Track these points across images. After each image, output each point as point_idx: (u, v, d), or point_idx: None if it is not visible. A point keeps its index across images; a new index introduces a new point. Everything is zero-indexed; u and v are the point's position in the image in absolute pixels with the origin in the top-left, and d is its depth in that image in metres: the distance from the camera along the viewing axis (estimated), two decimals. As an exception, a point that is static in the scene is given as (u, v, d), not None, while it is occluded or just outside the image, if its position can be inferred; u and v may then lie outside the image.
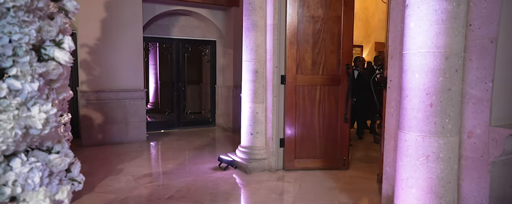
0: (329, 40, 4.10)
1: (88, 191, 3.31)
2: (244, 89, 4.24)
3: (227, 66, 6.83)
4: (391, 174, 2.44)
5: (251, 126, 4.15)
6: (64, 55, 1.20)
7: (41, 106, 1.08)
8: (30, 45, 1.10)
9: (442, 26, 2.02)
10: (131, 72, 5.46)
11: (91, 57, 5.15)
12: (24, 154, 1.13)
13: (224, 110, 6.92)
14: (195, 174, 3.92)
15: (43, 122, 1.05)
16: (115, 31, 5.28)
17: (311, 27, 4.06)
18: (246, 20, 4.15)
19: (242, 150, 4.23)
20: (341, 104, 4.11)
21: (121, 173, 3.89)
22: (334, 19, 4.06)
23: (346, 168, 4.14)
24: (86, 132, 5.17)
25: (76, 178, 1.32)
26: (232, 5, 6.34)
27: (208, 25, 6.84)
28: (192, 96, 8.11)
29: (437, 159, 1.87)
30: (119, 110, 5.39)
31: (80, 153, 4.77)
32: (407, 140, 2.05)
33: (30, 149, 1.15)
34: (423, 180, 1.89)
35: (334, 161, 4.16)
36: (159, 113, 7.98)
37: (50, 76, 1.19)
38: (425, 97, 2.02)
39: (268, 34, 4.08)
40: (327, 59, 4.12)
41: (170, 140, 5.85)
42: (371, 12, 9.53)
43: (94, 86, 5.18)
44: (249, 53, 4.13)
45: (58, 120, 1.20)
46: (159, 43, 7.29)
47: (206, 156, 4.78)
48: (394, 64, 2.61)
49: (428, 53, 2.04)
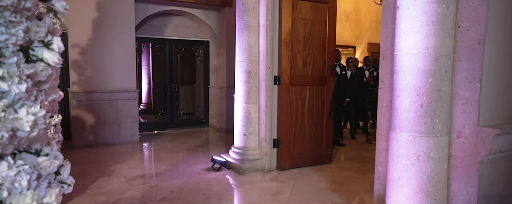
0: (317, 41, 4.28)
1: (80, 193, 3.27)
2: (237, 89, 4.23)
3: (220, 67, 6.82)
4: (383, 173, 2.46)
5: (244, 127, 4.15)
6: (53, 56, 1.18)
7: (29, 108, 1.06)
8: (18, 46, 1.09)
9: (432, 27, 2.04)
10: (123, 73, 5.41)
11: (82, 57, 5.10)
12: (11, 157, 1.11)
13: (218, 110, 6.91)
14: (188, 175, 3.90)
15: (31, 124, 1.04)
16: (107, 31, 5.24)
17: (303, 29, 4.13)
18: (239, 21, 4.14)
19: (235, 151, 4.23)
20: (327, 103, 4.36)
21: (113, 175, 3.86)
22: (320, 22, 4.26)
23: (330, 162, 4.44)
24: (77, 133, 5.12)
25: (66, 180, 1.31)
26: (225, 5, 6.34)
27: (201, 26, 6.82)
28: (185, 97, 8.08)
29: (428, 158, 1.89)
30: (111, 111, 5.34)
31: (72, 154, 4.72)
32: (398, 140, 2.07)
33: (17, 151, 1.13)
34: (414, 180, 1.91)
35: (321, 157, 4.42)
36: (152, 114, 7.94)
37: (38, 77, 1.17)
38: (416, 97, 2.04)
39: (261, 35, 4.08)
40: (315, 60, 4.27)
41: (163, 141, 5.82)
42: (363, 13, 9.61)
43: (85, 86, 5.13)
44: (242, 53, 4.13)
45: (47, 122, 1.18)
46: (152, 44, 7.26)
47: (199, 157, 4.76)
48: (385, 65, 2.63)
49: (419, 54, 2.06)
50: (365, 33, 9.78)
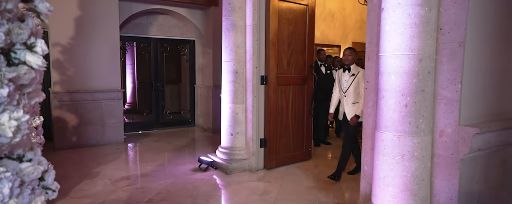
0: (299, 42, 4.41)
1: (62, 196, 3.19)
2: (224, 89, 4.22)
3: (206, 66, 6.78)
4: (369, 172, 2.51)
5: (231, 127, 4.15)
6: (37, 59, 1.15)
7: (12, 113, 1.03)
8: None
9: (416, 29, 2.09)
10: (107, 72, 5.31)
11: (64, 56, 4.97)
12: (-7, 163, 1.07)
13: (204, 110, 6.87)
14: (175, 176, 3.87)
15: (13, 130, 1.01)
16: (90, 29, 5.12)
17: (287, 29, 4.20)
18: (226, 20, 4.13)
19: (222, 151, 4.22)
20: (307, 101, 4.52)
21: (98, 177, 3.79)
22: (302, 23, 4.38)
23: (310, 158, 4.63)
24: (59, 134, 4.99)
25: (50, 186, 1.27)
26: (211, 4, 6.30)
27: (187, 25, 6.75)
28: (171, 96, 7.99)
29: (412, 157, 1.94)
30: (95, 111, 5.23)
31: (54, 156, 4.60)
32: (383, 139, 2.11)
33: (-2, 158, 1.10)
34: (398, 178, 1.96)
35: (302, 154, 4.58)
36: (137, 114, 7.81)
37: (21, 81, 1.13)
38: (401, 98, 2.09)
39: (248, 35, 4.08)
40: (297, 59, 4.39)
41: (148, 141, 5.75)
42: (348, 13, 9.75)
43: (67, 86, 5.00)
44: (229, 53, 4.12)
45: (29, 126, 1.15)
46: (136, 43, 7.13)
47: (185, 157, 4.73)
48: (371, 66, 2.68)
49: (403, 56, 2.11)
50: (350, 32, 9.93)
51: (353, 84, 3.72)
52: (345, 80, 3.82)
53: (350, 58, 3.76)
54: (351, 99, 3.74)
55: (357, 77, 3.70)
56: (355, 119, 3.69)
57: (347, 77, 3.79)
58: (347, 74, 3.80)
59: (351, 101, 3.73)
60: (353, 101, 3.72)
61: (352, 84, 3.73)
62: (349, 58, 3.76)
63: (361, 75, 3.64)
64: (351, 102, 3.73)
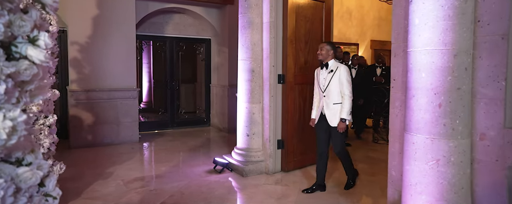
0: (316, 39, 4.23)
1: (75, 196, 3.15)
2: (240, 88, 4.10)
3: (222, 65, 6.68)
4: (397, 178, 2.33)
5: (247, 127, 4.02)
6: (39, 53, 1.05)
7: (8, 113, 0.93)
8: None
9: (449, 22, 1.90)
10: (123, 71, 5.28)
11: (81, 55, 4.97)
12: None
13: (219, 109, 6.78)
14: (189, 178, 3.77)
15: (8, 131, 0.91)
16: (107, 28, 5.10)
17: (304, 26, 4.07)
18: (242, 18, 4.00)
19: (238, 152, 4.09)
20: None
21: (111, 177, 3.73)
22: (319, 20, 4.23)
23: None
24: (75, 133, 4.99)
25: (51, 193, 1.17)
26: (226, 3, 6.19)
27: (202, 23, 6.68)
28: (187, 96, 7.95)
29: (448, 163, 1.76)
30: (111, 110, 5.21)
31: (68, 155, 4.59)
32: (414, 142, 1.93)
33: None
34: (433, 186, 1.78)
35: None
36: (152, 113, 7.81)
37: (21, 77, 1.03)
38: (433, 97, 1.90)
39: (265, 32, 3.94)
40: (315, 57, 4.23)
41: (163, 140, 5.70)
42: (366, 10, 9.48)
43: (84, 85, 5.00)
44: (245, 51, 3.99)
45: (33, 126, 1.05)
46: (152, 42, 7.12)
47: (200, 158, 4.63)
48: (397, 63, 2.49)
49: (435, 51, 1.93)
50: (368, 30, 9.65)
51: (333, 81, 3.20)
52: (323, 77, 3.29)
53: (323, 53, 3.27)
54: (331, 100, 3.21)
55: (336, 73, 3.19)
56: (342, 124, 3.17)
57: (325, 74, 3.27)
58: (325, 71, 3.28)
59: (332, 102, 3.21)
60: (334, 101, 3.20)
61: (331, 81, 3.20)
62: (323, 52, 3.27)
63: (343, 71, 3.17)
64: (332, 103, 3.20)
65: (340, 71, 3.18)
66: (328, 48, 3.28)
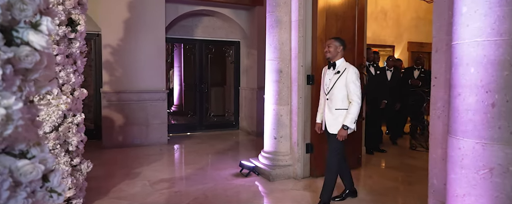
0: (347, 39, 4.03)
1: (102, 196, 3.16)
2: (268, 90, 3.97)
3: (251, 67, 6.60)
4: (440, 188, 2.06)
5: (275, 130, 3.87)
6: (40, 38, 0.98)
7: (2, 100, 0.86)
8: (-7, 24, 0.89)
9: (506, 8, 1.65)
10: (152, 73, 5.35)
11: (114, 57, 5.10)
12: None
13: (248, 113, 6.68)
14: (214, 181, 3.68)
15: (0, 120, 0.83)
16: (138, 31, 5.21)
17: (335, 25, 3.87)
18: (270, 17, 3.89)
19: (265, 156, 3.95)
20: None
21: (138, 178, 3.73)
22: (351, 18, 4.00)
23: (359, 166, 4.14)
24: (107, 133, 5.11)
25: (56, 188, 1.10)
26: (256, 4, 6.12)
27: (231, 26, 6.65)
28: (216, 99, 7.95)
29: (505, 173, 1.50)
30: (140, 112, 5.29)
31: (100, 155, 4.69)
32: (461, 148, 1.68)
33: (-6, 153, 0.94)
34: (486, 199, 1.52)
35: (351, 161, 4.07)
36: (182, 116, 7.88)
37: (22, 64, 0.97)
38: (485, 95, 1.65)
39: (293, 31, 3.79)
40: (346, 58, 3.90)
41: (191, 143, 5.69)
42: (402, 11, 9.01)
43: (115, 87, 5.12)
44: (273, 51, 3.86)
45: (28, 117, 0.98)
46: (183, 44, 7.22)
47: (227, 161, 4.54)
48: (439, 58, 2.24)
49: (488, 42, 1.68)
50: (405, 31, 9.16)
51: (338, 84, 2.79)
52: (328, 78, 2.90)
53: (331, 50, 2.85)
54: (334, 104, 2.81)
55: (343, 75, 2.79)
56: (343, 132, 2.75)
57: (331, 74, 2.88)
58: (332, 71, 2.89)
59: (335, 107, 2.81)
60: (337, 107, 2.80)
61: (336, 84, 2.80)
62: (331, 49, 2.85)
63: (351, 73, 2.77)
64: (335, 108, 2.81)
65: (347, 73, 2.78)
66: (337, 45, 2.88)
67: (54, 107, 2.60)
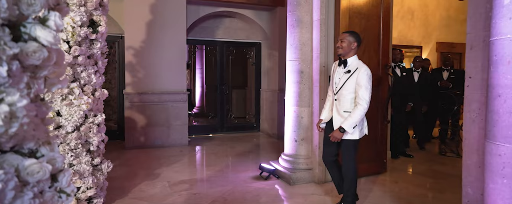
0: (372, 38, 3.87)
1: (122, 196, 3.17)
2: (288, 91, 3.87)
3: (272, 69, 6.52)
4: (475, 198, 1.89)
5: (295, 132, 3.76)
6: (48, 34, 0.95)
7: (6, 97, 0.83)
8: (0, 19, 0.86)
9: (554, 0, 1.48)
10: (173, 74, 5.39)
11: (136, 59, 5.17)
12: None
13: (269, 115, 6.60)
14: (234, 183, 3.62)
15: (3, 117, 0.80)
16: (159, 33, 5.26)
17: (359, 24, 3.71)
18: (290, 16, 3.80)
19: (285, 159, 3.85)
20: (381, 105, 3.95)
21: (158, 178, 3.73)
22: (375, 17, 3.84)
23: (385, 171, 4.01)
24: (129, 134, 5.18)
25: (65, 189, 1.07)
26: (277, 4, 6.04)
27: (253, 27, 6.60)
28: (237, 101, 7.92)
29: (555, 182, 1.33)
30: (162, 113, 5.33)
31: (123, 155, 4.75)
32: (502, 154, 1.52)
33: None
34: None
35: (376, 166, 3.99)
36: (204, 117, 7.91)
37: (30, 60, 0.94)
38: (529, 96, 1.49)
39: (315, 31, 3.68)
40: (370, 58, 3.85)
41: (212, 145, 5.67)
42: (431, 10, 8.62)
43: (137, 88, 5.19)
44: (294, 52, 3.77)
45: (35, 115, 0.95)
46: (204, 46, 7.25)
47: (247, 163, 4.47)
48: (475, 56, 2.07)
49: (532, 37, 1.51)
50: (433, 31, 8.76)
51: (348, 85, 2.55)
52: (338, 77, 2.64)
53: (344, 45, 2.57)
54: (342, 106, 2.59)
55: (354, 75, 2.53)
56: (338, 135, 2.55)
57: (341, 73, 2.61)
58: (342, 70, 2.62)
59: (343, 109, 2.59)
60: (346, 109, 2.58)
61: (345, 84, 2.56)
62: (344, 44, 2.57)
63: (363, 74, 2.49)
64: (343, 110, 2.59)
65: (359, 73, 2.51)
66: (351, 40, 2.57)
67: (76, 107, 2.63)
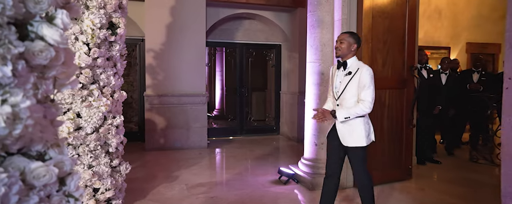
0: (396, 38, 3.71)
1: (141, 197, 3.18)
2: (308, 93, 3.77)
3: (292, 71, 6.42)
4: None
5: (315, 136, 3.65)
6: (54, 32, 0.92)
7: (10, 97, 0.80)
8: (5, 17, 0.84)
9: None
10: (193, 77, 5.40)
11: (156, 61, 5.22)
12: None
13: (289, 117, 6.49)
14: (252, 187, 3.55)
15: (5, 118, 0.77)
16: (179, 35, 5.29)
17: (382, 24, 3.59)
18: (311, 16, 3.70)
19: (305, 163, 3.74)
20: (406, 108, 3.79)
21: (176, 181, 3.73)
22: (400, 17, 3.69)
23: (410, 178, 3.84)
24: (149, 136, 5.23)
25: (73, 193, 1.04)
26: (297, 5, 5.95)
27: (272, 29, 6.54)
28: (257, 103, 7.87)
29: None
30: (181, 115, 5.35)
31: (143, 157, 4.80)
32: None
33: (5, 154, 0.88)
34: None
35: (400, 172, 3.81)
36: (223, 120, 7.91)
37: (37, 60, 0.92)
38: None
39: (336, 31, 3.56)
40: (394, 59, 3.70)
41: (231, 147, 5.63)
42: (460, 8, 8.22)
43: (157, 90, 5.24)
44: (314, 53, 3.66)
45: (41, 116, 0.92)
46: (224, 48, 7.25)
47: (266, 167, 4.39)
48: (512, 56, 1.90)
49: None
50: (463, 31, 8.34)
51: (350, 87, 2.41)
52: (338, 80, 2.50)
53: (343, 46, 2.42)
54: None
55: (355, 76, 2.39)
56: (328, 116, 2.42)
57: (342, 76, 2.47)
58: (342, 72, 2.48)
59: None
60: None
61: (347, 87, 2.42)
62: (343, 45, 2.42)
63: (365, 73, 2.36)
64: None
65: (361, 73, 2.38)
66: (351, 42, 2.43)
67: (95, 109, 2.65)
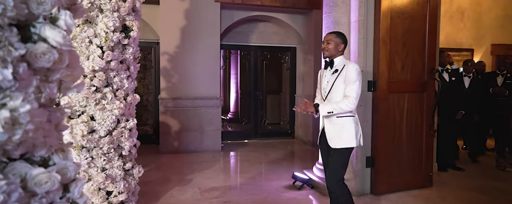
0: (416, 40, 3.57)
1: (154, 200, 3.17)
2: (323, 97, 3.67)
3: (307, 74, 6.33)
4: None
5: (331, 140, 3.55)
6: (57, 34, 0.89)
7: (9, 102, 0.77)
8: (6, 18, 0.82)
9: None
10: (207, 80, 5.40)
11: (170, 64, 5.25)
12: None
13: (304, 121, 6.39)
14: (265, 192, 3.49)
15: (4, 123, 0.75)
16: (193, 38, 5.30)
17: (401, 25, 3.47)
18: (326, 18, 3.62)
19: (320, 168, 3.64)
20: (427, 113, 3.64)
21: (189, 184, 3.70)
22: (420, 17, 3.55)
23: (430, 185, 3.68)
24: (164, 139, 5.25)
25: (77, 200, 1.01)
26: (312, 7, 5.86)
27: (287, 31, 6.47)
28: (272, 106, 7.80)
29: None
30: (195, 118, 5.35)
31: (157, 160, 4.81)
32: None
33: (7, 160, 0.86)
34: None
35: (421, 179, 3.66)
36: (237, 123, 7.88)
37: (40, 62, 0.89)
38: None
39: (352, 33, 3.47)
40: (414, 61, 3.57)
41: (245, 151, 5.58)
42: (485, 8, 7.91)
43: (172, 93, 5.25)
44: (330, 55, 3.57)
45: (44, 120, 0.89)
46: (239, 51, 7.23)
47: (281, 171, 4.32)
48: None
49: None
50: (487, 32, 8.02)
51: (337, 85, 2.34)
52: (326, 81, 2.45)
53: (330, 47, 2.38)
54: None
55: (342, 73, 2.33)
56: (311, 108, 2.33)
57: (329, 75, 2.42)
58: (329, 72, 2.42)
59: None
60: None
61: (334, 85, 2.35)
62: (330, 46, 2.38)
63: (351, 69, 2.30)
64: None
65: (346, 69, 2.31)
66: (339, 42, 2.40)
67: (108, 112, 2.66)
